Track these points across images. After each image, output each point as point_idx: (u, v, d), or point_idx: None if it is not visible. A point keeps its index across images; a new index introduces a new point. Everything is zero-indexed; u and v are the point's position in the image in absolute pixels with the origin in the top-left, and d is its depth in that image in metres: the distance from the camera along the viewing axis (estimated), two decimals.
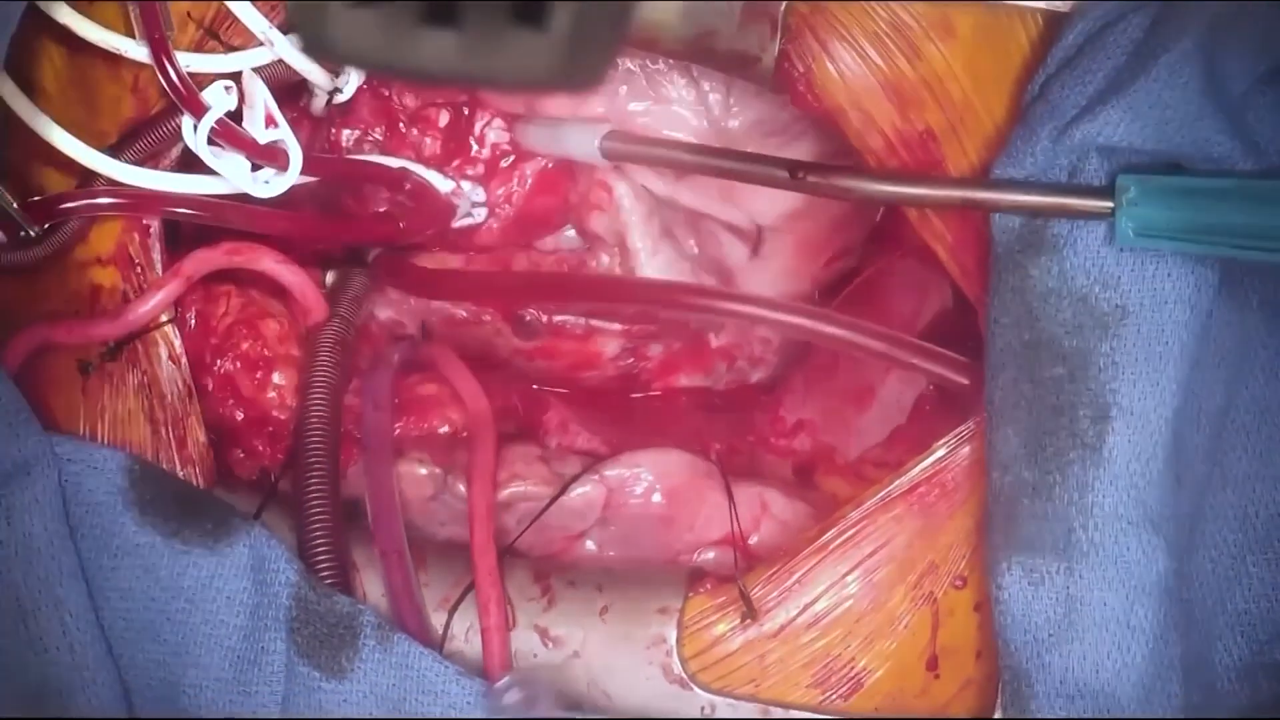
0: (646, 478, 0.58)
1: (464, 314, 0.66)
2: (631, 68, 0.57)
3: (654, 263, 0.62)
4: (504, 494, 0.56)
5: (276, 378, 0.57)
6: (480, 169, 0.62)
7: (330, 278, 0.62)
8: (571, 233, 0.65)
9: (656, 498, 0.58)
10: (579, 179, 0.62)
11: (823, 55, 0.48)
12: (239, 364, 0.56)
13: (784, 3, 0.48)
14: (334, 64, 0.54)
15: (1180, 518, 0.47)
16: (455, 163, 0.62)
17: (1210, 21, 0.43)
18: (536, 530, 0.56)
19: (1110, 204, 0.44)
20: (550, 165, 0.62)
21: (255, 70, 0.51)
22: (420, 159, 0.61)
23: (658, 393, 0.69)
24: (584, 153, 0.57)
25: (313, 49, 0.25)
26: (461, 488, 0.55)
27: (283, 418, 0.57)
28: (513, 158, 0.62)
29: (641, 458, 0.58)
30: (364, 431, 0.55)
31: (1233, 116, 0.44)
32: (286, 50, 0.51)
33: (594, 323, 0.65)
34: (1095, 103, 0.45)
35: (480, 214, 0.63)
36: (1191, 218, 0.43)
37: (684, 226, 0.63)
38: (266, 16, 0.50)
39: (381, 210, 0.62)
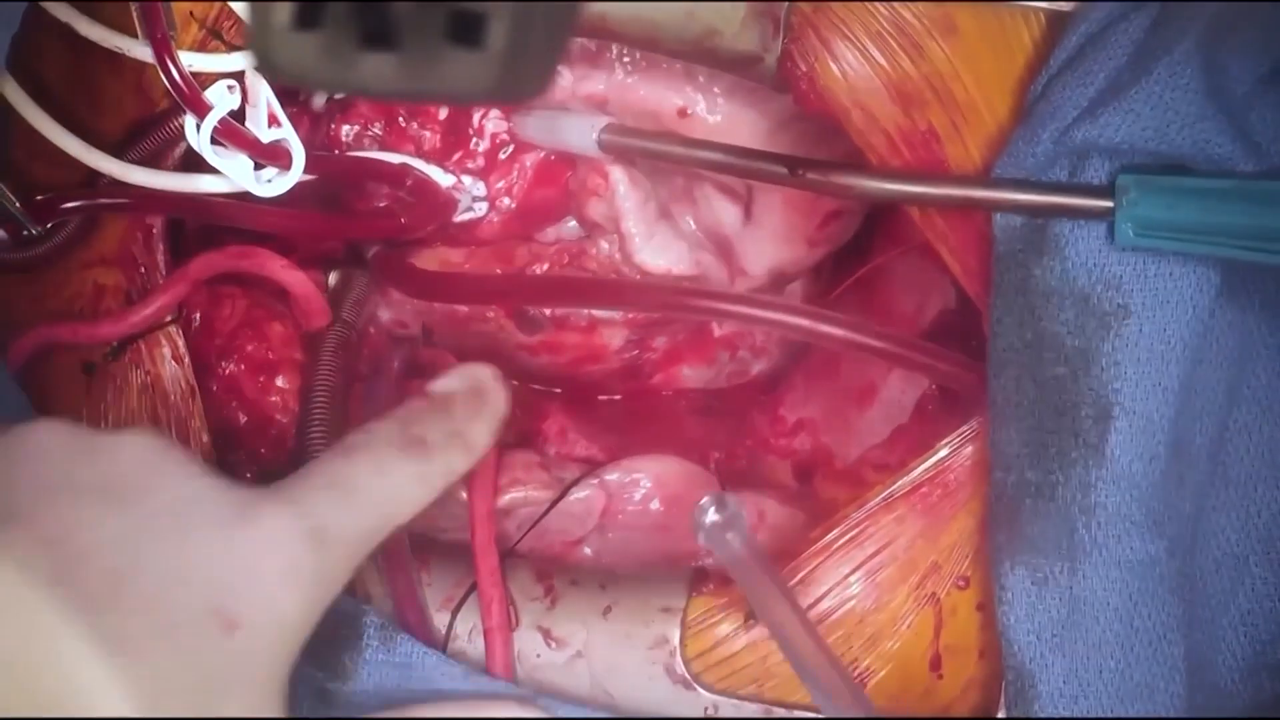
0: (645, 484, 0.59)
1: (465, 310, 0.67)
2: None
3: (649, 246, 0.63)
4: (505, 499, 0.58)
5: (280, 381, 0.58)
6: (480, 162, 0.63)
7: (333, 279, 0.63)
8: (573, 223, 0.66)
9: (655, 505, 0.59)
10: (578, 168, 0.63)
11: (825, 54, 0.49)
12: (244, 366, 0.58)
13: (787, 1, 0.49)
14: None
15: (1183, 518, 0.48)
16: (456, 156, 0.63)
17: (1211, 22, 0.45)
18: (535, 536, 0.58)
19: (1110, 204, 0.45)
20: (550, 156, 0.63)
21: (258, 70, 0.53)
22: (420, 153, 0.62)
23: (658, 391, 0.70)
24: (581, 145, 0.58)
25: (262, 69, 0.27)
26: (463, 494, 0.57)
27: (285, 421, 0.58)
28: (511, 149, 0.63)
29: (641, 464, 0.59)
30: None
31: (1234, 117, 0.45)
32: None
33: (598, 314, 0.66)
34: (1096, 104, 0.46)
35: (481, 208, 0.64)
36: (1192, 218, 0.44)
37: (681, 200, 0.64)
38: None
39: (383, 206, 0.63)
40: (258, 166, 0.53)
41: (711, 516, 0.51)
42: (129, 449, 0.43)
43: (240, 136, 0.52)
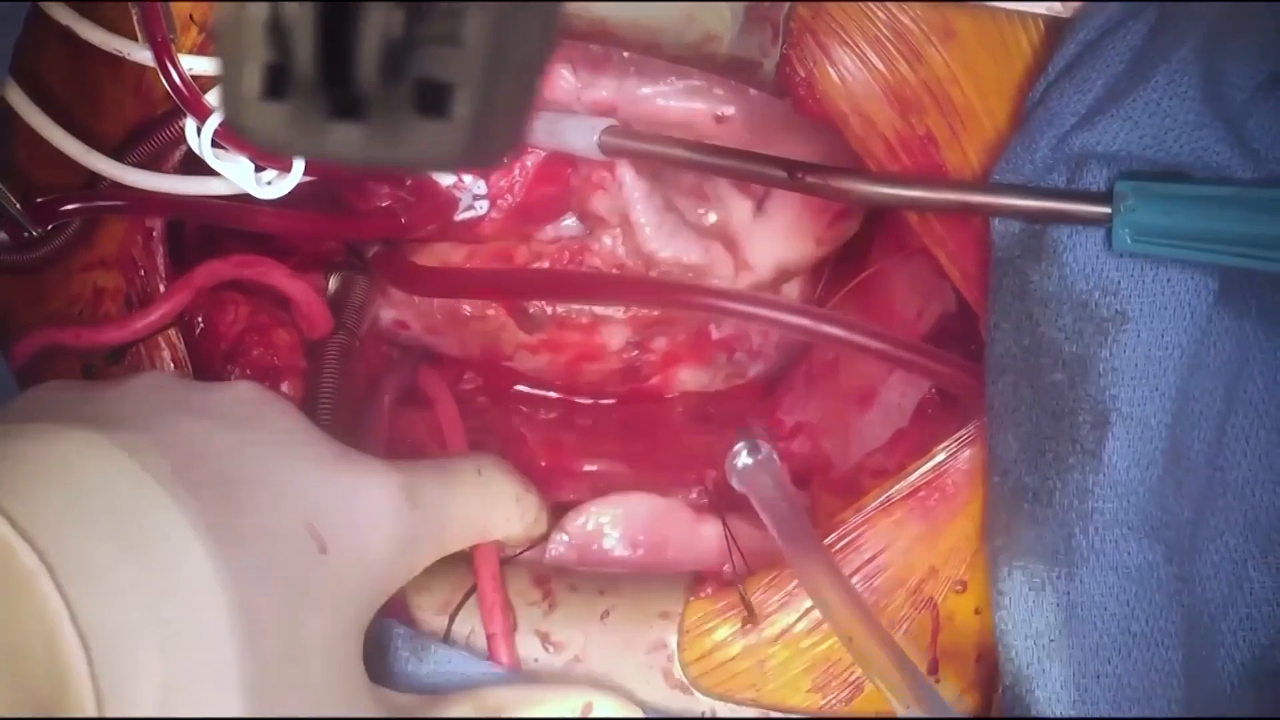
0: (611, 533, 0.60)
1: (468, 310, 0.68)
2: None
3: (659, 236, 0.64)
4: None
5: (285, 387, 0.59)
6: None
7: (333, 283, 0.64)
8: (571, 221, 0.67)
9: (621, 552, 0.60)
10: (580, 164, 0.64)
11: (824, 60, 0.50)
12: (249, 370, 0.59)
13: (786, 4, 0.50)
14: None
15: (1181, 524, 0.48)
16: None
17: (1210, 29, 0.46)
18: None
19: (1108, 209, 0.46)
20: (551, 154, 0.64)
21: None
22: None
23: (655, 394, 0.71)
24: (582, 147, 0.59)
25: (234, 133, 0.28)
26: None
27: None
28: None
29: (606, 507, 0.61)
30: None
31: (1232, 124, 0.46)
32: None
33: (599, 313, 0.68)
34: (1094, 111, 0.47)
35: (482, 206, 0.65)
36: (1189, 225, 0.45)
37: (688, 195, 0.65)
38: None
39: (383, 205, 0.64)
40: (258, 168, 0.54)
41: (744, 460, 0.52)
42: (241, 389, 0.48)
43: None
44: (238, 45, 0.26)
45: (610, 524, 0.61)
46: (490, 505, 0.53)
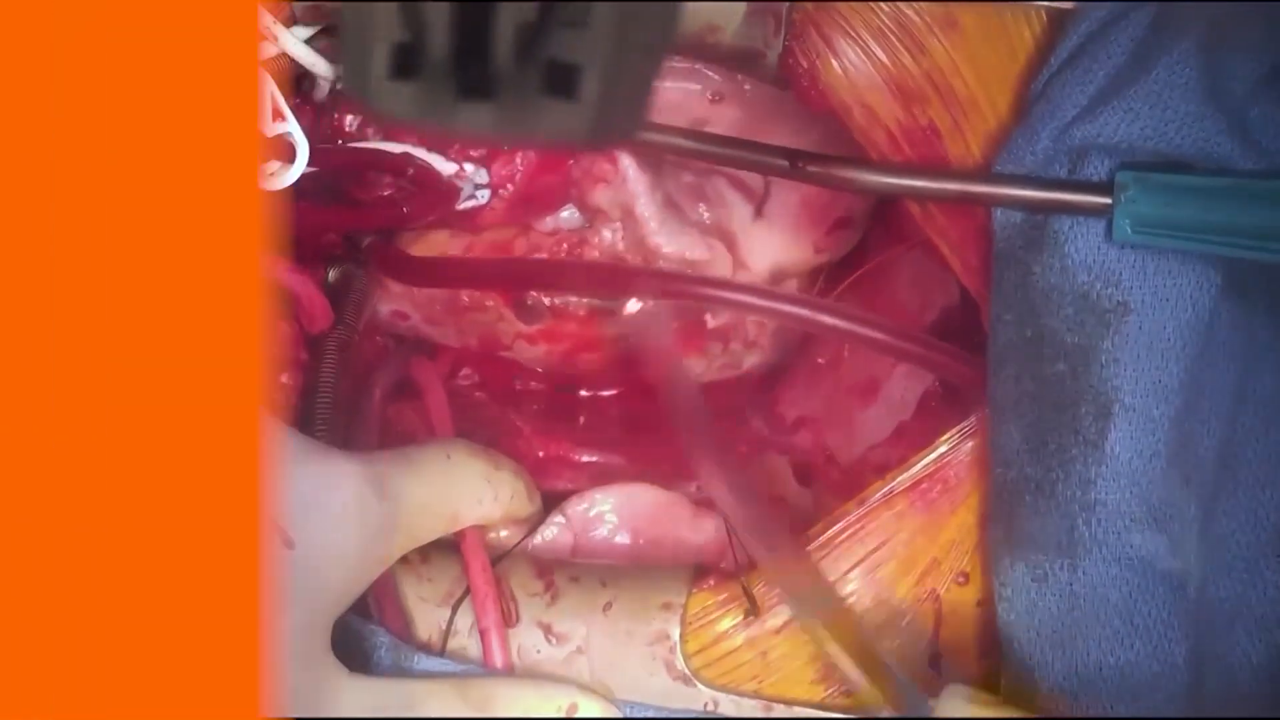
0: (610, 519, 0.62)
1: (466, 300, 0.69)
2: None
3: (664, 230, 0.65)
4: None
5: (284, 379, 0.60)
6: (483, 150, 0.65)
7: (333, 275, 0.66)
8: (570, 212, 0.68)
9: (621, 538, 0.62)
10: (581, 155, 0.64)
11: (827, 51, 0.52)
12: None
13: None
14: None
15: (1187, 519, 0.50)
16: (458, 145, 0.64)
17: (1211, 21, 0.47)
18: None
19: (1108, 200, 0.47)
20: None
21: (259, 64, 0.55)
22: (423, 141, 0.64)
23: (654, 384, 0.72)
24: None
25: (362, 111, 0.29)
26: None
27: (285, 419, 0.59)
28: None
29: (605, 495, 0.62)
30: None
31: (1234, 116, 0.47)
32: (290, 44, 0.55)
33: (595, 303, 0.69)
34: (1096, 103, 0.48)
35: (483, 195, 0.66)
36: (1190, 216, 0.46)
37: (688, 194, 0.67)
38: (269, 12, 0.54)
39: (385, 195, 0.65)
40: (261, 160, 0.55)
41: (632, 305, 0.53)
42: None
43: None
44: (366, 26, 0.28)
45: (611, 511, 0.62)
46: (459, 488, 0.54)
